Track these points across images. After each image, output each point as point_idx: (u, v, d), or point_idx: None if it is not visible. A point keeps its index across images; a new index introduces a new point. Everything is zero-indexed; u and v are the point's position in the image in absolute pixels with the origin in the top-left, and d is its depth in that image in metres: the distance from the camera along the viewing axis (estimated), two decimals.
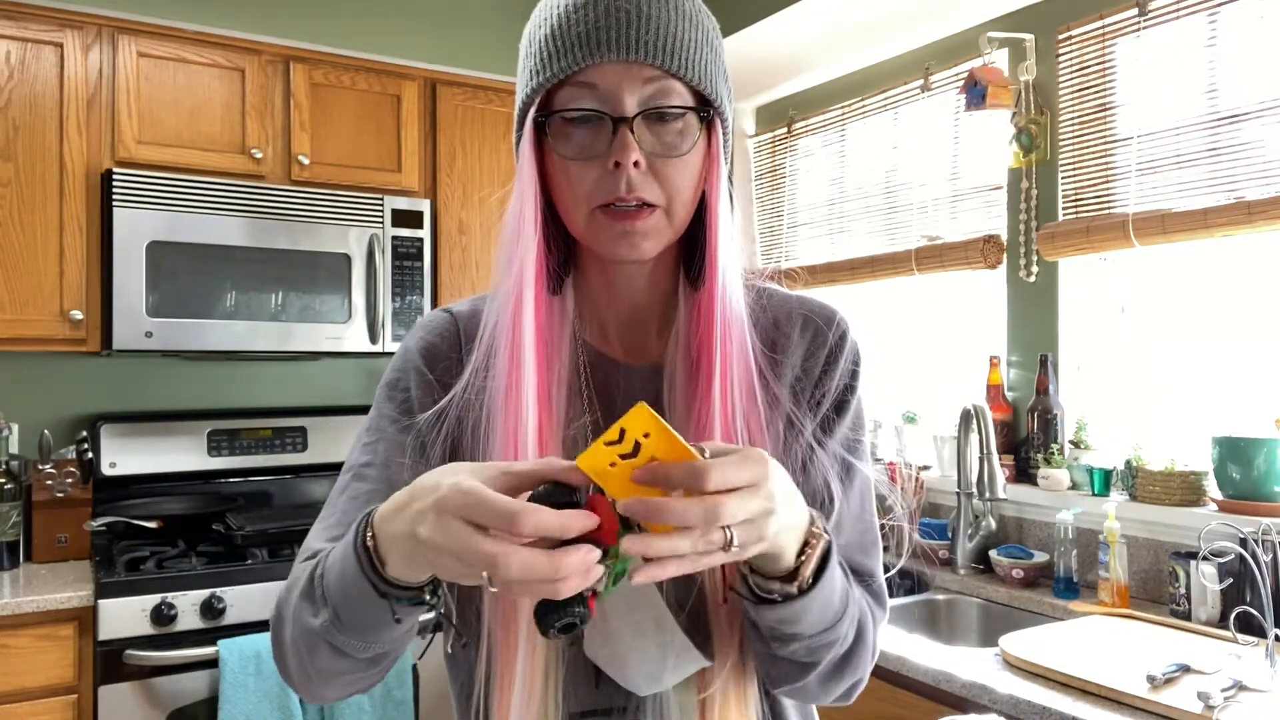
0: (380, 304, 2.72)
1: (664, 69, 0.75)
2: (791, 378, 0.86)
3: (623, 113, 0.75)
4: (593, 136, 0.76)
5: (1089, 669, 1.59)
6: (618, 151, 0.74)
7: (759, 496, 0.62)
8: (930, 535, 2.46)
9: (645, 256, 0.79)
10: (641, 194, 0.75)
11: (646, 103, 0.75)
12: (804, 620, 0.71)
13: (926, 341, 2.85)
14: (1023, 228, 2.44)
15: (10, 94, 2.37)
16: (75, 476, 2.55)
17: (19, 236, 2.38)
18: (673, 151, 0.76)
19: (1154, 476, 2.06)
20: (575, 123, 0.76)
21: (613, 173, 0.75)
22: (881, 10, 2.53)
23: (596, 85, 0.75)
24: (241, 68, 2.64)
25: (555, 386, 0.81)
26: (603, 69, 0.75)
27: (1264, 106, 1.97)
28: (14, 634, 2.11)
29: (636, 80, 0.75)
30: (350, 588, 0.68)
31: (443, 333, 0.88)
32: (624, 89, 0.75)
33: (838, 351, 0.88)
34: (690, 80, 0.76)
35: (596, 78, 0.75)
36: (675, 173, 0.77)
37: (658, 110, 0.76)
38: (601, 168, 0.75)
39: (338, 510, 0.84)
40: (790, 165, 3.29)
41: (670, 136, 0.76)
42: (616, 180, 0.75)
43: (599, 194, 0.76)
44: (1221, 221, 1.98)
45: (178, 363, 2.85)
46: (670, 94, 0.76)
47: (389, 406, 0.86)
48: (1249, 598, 1.72)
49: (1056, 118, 2.37)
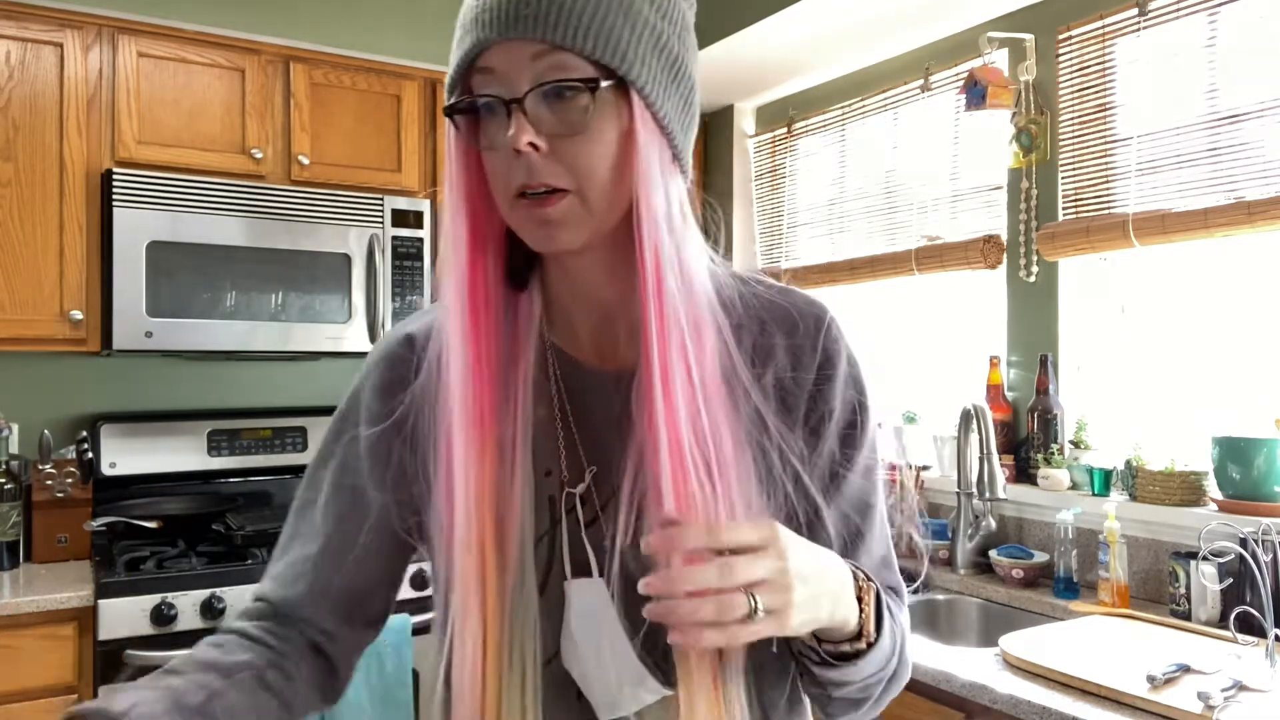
0: (380, 304, 2.72)
1: (549, 42, 0.68)
2: (776, 386, 0.79)
3: (515, 94, 0.69)
4: (496, 124, 0.71)
5: (1089, 669, 1.59)
6: (512, 137, 0.69)
7: (770, 555, 0.62)
8: (930, 535, 2.46)
9: (564, 246, 0.73)
10: (546, 179, 0.70)
11: (538, 79, 0.69)
12: (867, 669, 0.74)
13: (926, 341, 2.85)
14: (1023, 228, 2.44)
15: (10, 94, 2.37)
16: (75, 476, 2.54)
17: (19, 236, 2.38)
18: (573, 129, 0.69)
19: (1154, 476, 2.06)
20: (481, 112, 0.72)
21: (516, 159, 0.70)
22: (881, 10, 2.53)
23: (494, 69, 0.70)
24: (241, 68, 2.64)
25: (518, 391, 0.77)
26: (495, 51, 0.70)
27: (1264, 106, 1.97)
28: (14, 634, 2.11)
29: (524, 58, 0.69)
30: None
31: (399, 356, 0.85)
32: (515, 69, 0.69)
33: (831, 362, 0.81)
34: (584, 51, 0.68)
35: (493, 61, 0.70)
36: (580, 153, 0.70)
37: (550, 86, 0.69)
38: (508, 155, 0.70)
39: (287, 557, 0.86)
40: (790, 165, 3.29)
41: (572, 114, 0.69)
42: (517, 166, 0.70)
43: (511, 184, 0.71)
44: (1221, 221, 1.98)
45: (178, 363, 2.85)
46: (562, 68, 0.69)
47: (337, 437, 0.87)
48: (1249, 598, 1.72)
49: (1056, 118, 2.37)
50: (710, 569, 0.61)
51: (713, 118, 3.50)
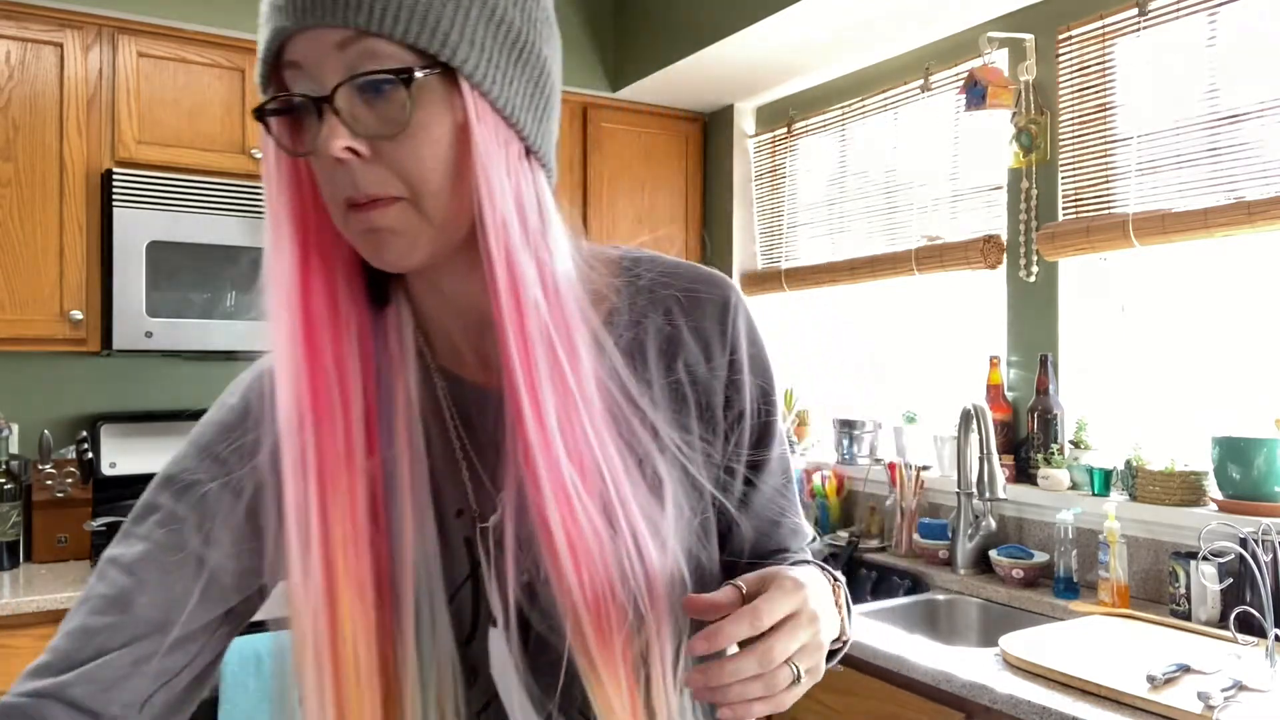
0: None
1: (355, 27, 0.58)
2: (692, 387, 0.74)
3: (323, 91, 0.59)
4: (311, 126, 0.61)
5: (1089, 669, 1.59)
6: (323, 143, 0.59)
7: (803, 622, 0.61)
8: (930, 535, 2.46)
9: (405, 261, 0.63)
10: (370, 189, 0.60)
11: (347, 71, 0.59)
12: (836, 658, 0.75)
13: (926, 341, 2.85)
14: (1023, 228, 2.44)
15: (10, 94, 2.37)
16: (75, 476, 2.54)
17: (19, 236, 2.38)
18: (392, 129, 0.59)
19: (1154, 476, 2.06)
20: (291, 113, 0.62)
21: (337, 167, 0.60)
22: (881, 10, 2.53)
23: (300, 62, 0.60)
24: (241, 68, 2.64)
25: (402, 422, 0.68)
26: (298, 41, 0.59)
27: (1264, 106, 1.97)
28: (14, 634, 2.11)
29: (328, 47, 0.59)
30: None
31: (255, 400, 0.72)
32: (321, 61, 0.59)
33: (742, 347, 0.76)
34: (396, 35, 0.58)
35: (298, 53, 0.60)
36: (405, 155, 0.60)
37: (361, 80, 0.59)
38: (329, 162, 0.60)
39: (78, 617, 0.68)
40: (790, 165, 3.29)
41: (391, 110, 0.59)
42: (338, 174, 0.60)
43: (335, 194, 0.62)
44: (1221, 221, 1.98)
45: (178, 363, 2.85)
46: (373, 56, 0.59)
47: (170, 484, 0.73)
48: (1249, 598, 1.72)
49: (1056, 118, 2.37)
50: (753, 660, 0.59)
51: (713, 118, 3.50)
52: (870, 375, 3.03)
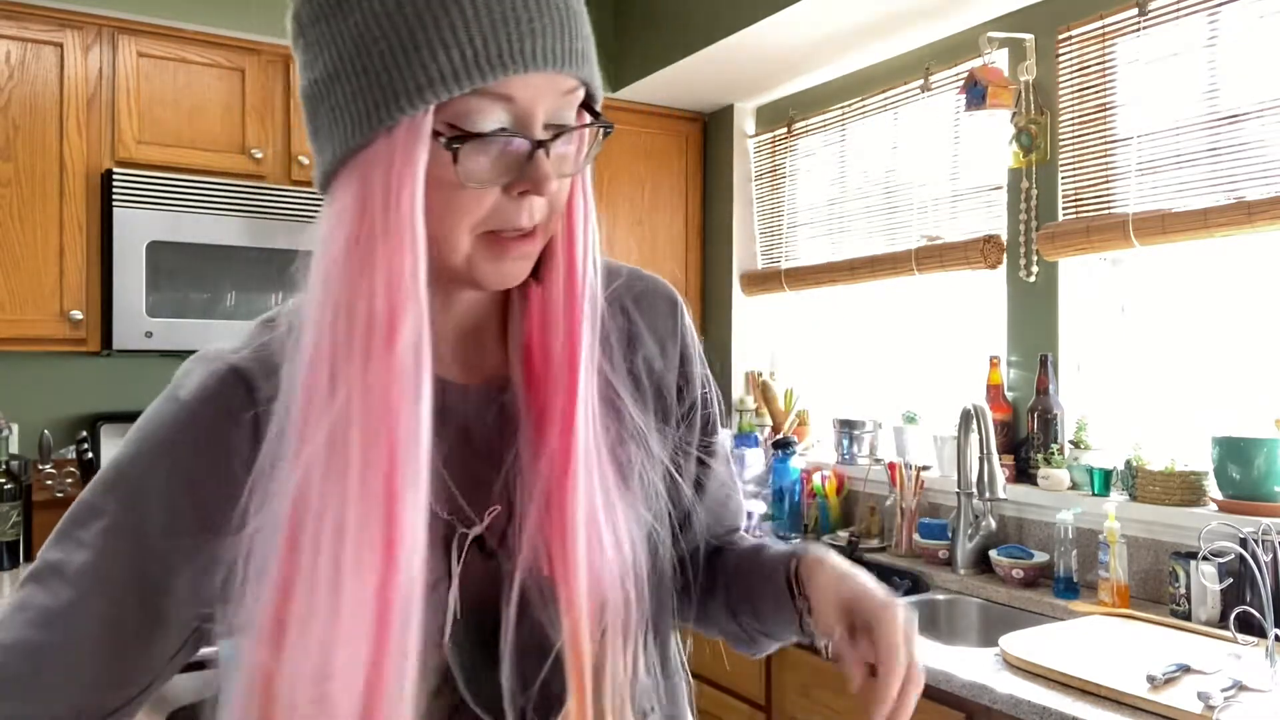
0: None
1: (581, 78, 0.63)
2: (650, 381, 0.79)
3: (535, 133, 0.62)
4: (498, 158, 0.62)
5: (1089, 669, 1.59)
6: (531, 180, 0.62)
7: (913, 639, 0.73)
8: (930, 535, 2.46)
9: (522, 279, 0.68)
10: (538, 219, 0.64)
11: (555, 118, 0.63)
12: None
13: (926, 341, 2.85)
14: (1023, 228, 2.44)
15: (10, 94, 2.37)
16: (75, 476, 2.54)
17: (19, 236, 2.38)
18: (569, 170, 0.66)
19: (1154, 476, 2.06)
20: (481, 140, 0.61)
21: (515, 200, 0.62)
22: (881, 10, 2.53)
23: (514, 99, 0.60)
24: (241, 68, 2.64)
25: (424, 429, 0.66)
26: (527, 79, 0.60)
27: (1264, 106, 1.97)
28: None
29: (556, 93, 0.62)
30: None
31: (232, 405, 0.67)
32: (540, 104, 0.61)
33: (688, 346, 0.84)
34: (593, 89, 0.66)
35: (517, 90, 0.60)
36: (561, 192, 0.66)
37: (567, 128, 0.64)
38: (499, 192, 0.62)
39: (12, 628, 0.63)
40: (790, 165, 3.29)
41: (571, 152, 0.66)
42: (519, 209, 0.63)
43: (492, 221, 0.63)
44: (1221, 221, 1.98)
45: (178, 363, 2.82)
46: (574, 103, 0.64)
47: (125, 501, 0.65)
48: (1249, 598, 1.72)
49: (1056, 118, 2.37)
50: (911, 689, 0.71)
51: (713, 118, 3.50)
52: (870, 375, 3.03)
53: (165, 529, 0.65)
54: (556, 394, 0.67)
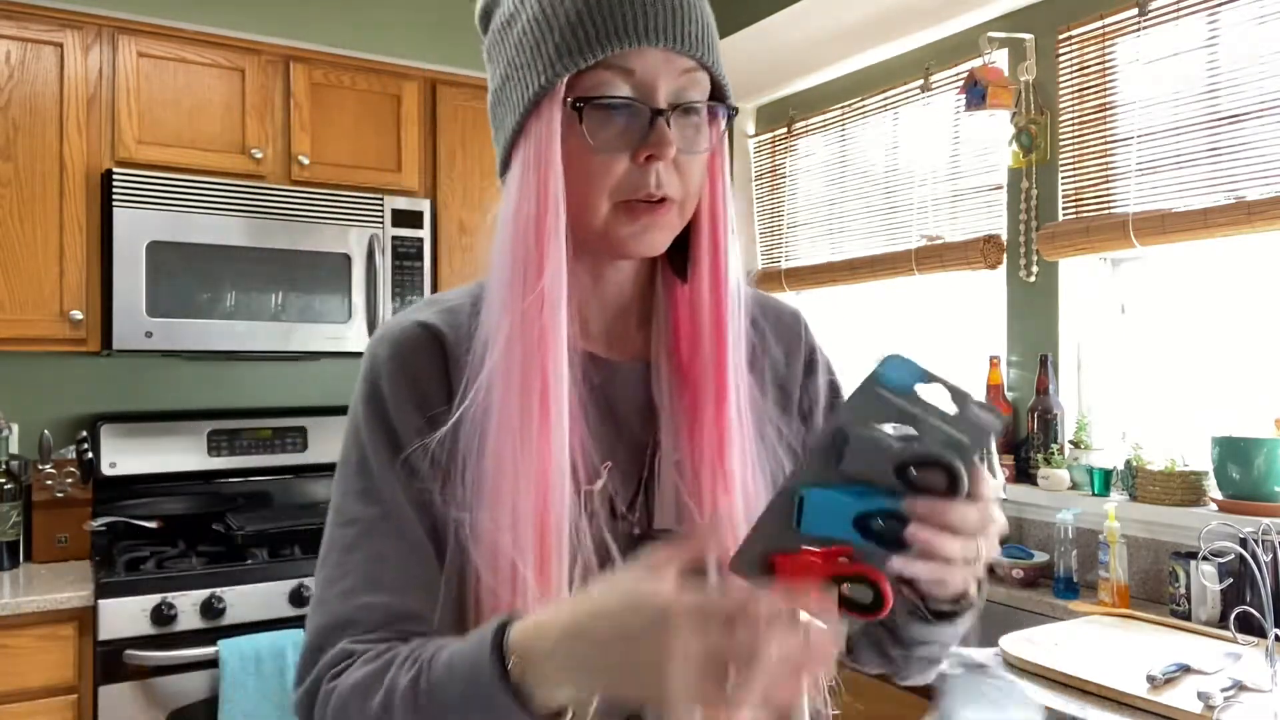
0: (380, 304, 2.72)
1: (699, 60, 0.72)
2: (774, 380, 0.86)
3: (657, 104, 0.71)
4: (625, 126, 0.72)
5: (1089, 669, 1.59)
6: (654, 146, 0.70)
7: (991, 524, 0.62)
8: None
9: (659, 251, 0.76)
10: (665, 189, 0.72)
11: (678, 95, 0.72)
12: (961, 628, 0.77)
13: (926, 341, 2.85)
14: (1023, 228, 2.44)
15: (10, 94, 2.37)
16: (75, 476, 2.54)
17: (19, 236, 2.38)
18: (695, 148, 0.74)
19: (1154, 476, 2.06)
20: (609, 110, 0.71)
21: (642, 167, 0.71)
22: (881, 10, 2.53)
23: (634, 72, 0.71)
24: (241, 68, 2.64)
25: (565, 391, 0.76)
26: (644, 54, 0.70)
27: (1264, 106, 1.97)
28: (14, 634, 2.11)
29: (674, 71, 0.72)
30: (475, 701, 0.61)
31: (425, 350, 0.77)
32: (661, 79, 0.71)
33: (814, 354, 0.90)
34: (716, 74, 0.75)
35: (636, 63, 0.71)
36: (694, 169, 0.75)
37: (687, 104, 0.73)
38: (629, 160, 0.72)
39: (357, 573, 0.73)
40: (790, 165, 3.29)
41: (691, 131, 0.74)
42: (646, 175, 0.71)
43: (624, 188, 0.72)
44: (1221, 221, 1.98)
45: (178, 363, 2.85)
46: (698, 87, 0.73)
47: (377, 444, 0.75)
48: (1249, 598, 1.72)
49: (1056, 118, 2.37)
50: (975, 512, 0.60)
51: None
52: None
53: (406, 442, 0.75)
54: (706, 380, 0.77)
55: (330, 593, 0.73)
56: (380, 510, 0.74)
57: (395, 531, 0.73)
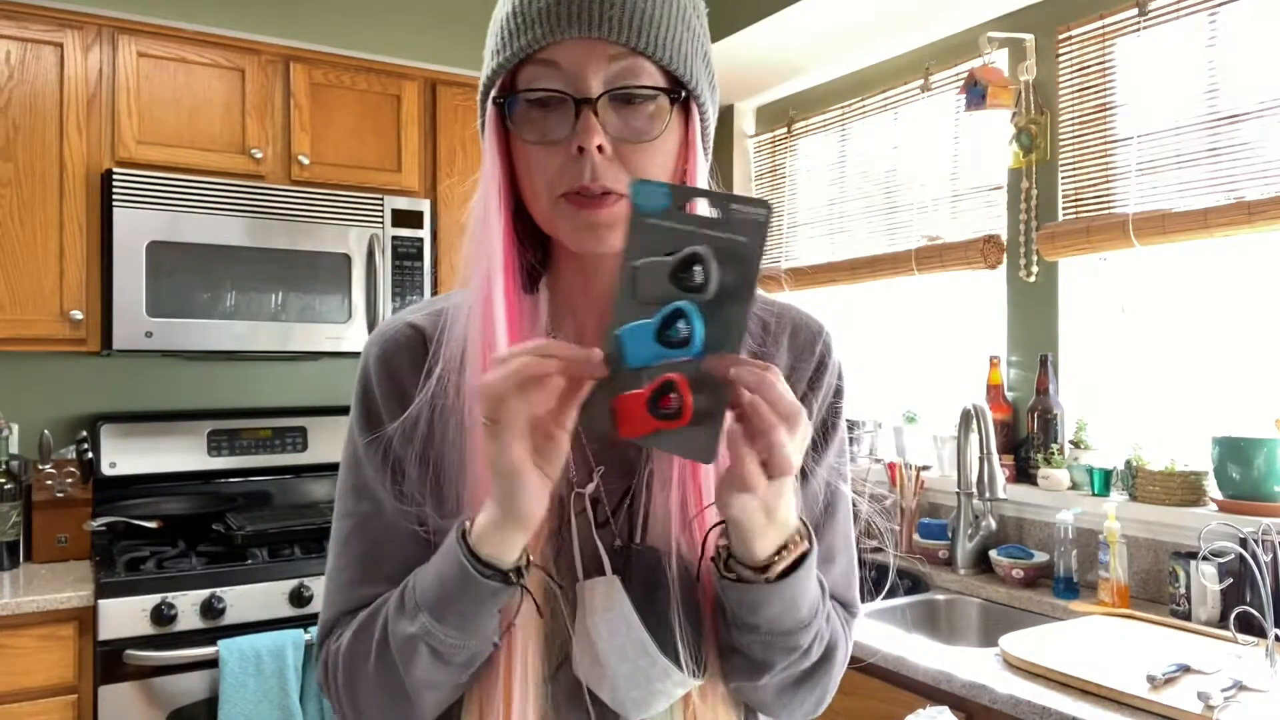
0: (380, 304, 2.72)
1: (630, 47, 0.70)
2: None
3: (586, 93, 0.70)
4: (555, 119, 0.71)
5: (1089, 669, 1.59)
6: (580, 136, 0.69)
7: (801, 422, 0.62)
8: (930, 535, 2.46)
9: (612, 249, 0.72)
10: (606, 182, 0.70)
11: (612, 83, 0.70)
12: (763, 611, 0.70)
13: (926, 341, 2.85)
14: (1023, 228, 2.44)
15: (10, 94, 2.37)
16: (75, 476, 2.54)
17: (19, 236, 2.38)
18: (641, 136, 0.71)
19: (1154, 476, 2.06)
20: (537, 105, 0.72)
21: (576, 158, 0.70)
22: (881, 10, 2.53)
23: (559, 64, 0.70)
24: (241, 68, 2.64)
25: None
26: (565, 46, 0.70)
27: (1264, 106, 1.97)
28: (14, 634, 2.11)
29: (601, 59, 0.70)
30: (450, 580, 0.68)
31: (408, 349, 0.80)
32: (588, 68, 0.70)
33: (823, 368, 0.85)
34: (660, 60, 0.71)
35: (559, 56, 0.70)
36: (645, 160, 0.72)
37: (624, 91, 0.71)
38: (564, 153, 0.71)
39: (355, 565, 0.79)
40: (790, 165, 3.29)
41: (639, 120, 0.71)
42: (580, 167, 0.70)
43: (562, 181, 0.71)
44: (1221, 221, 1.98)
45: (178, 363, 2.85)
46: (638, 73, 0.71)
47: (366, 441, 0.80)
48: (1249, 598, 1.72)
49: (1056, 118, 2.37)
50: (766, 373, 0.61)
51: None
52: (870, 375, 3.03)
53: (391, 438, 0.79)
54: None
55: (333, 585, 0.81)
56: (372, 505, 0.79)
57: (387, 523, 0.78)
